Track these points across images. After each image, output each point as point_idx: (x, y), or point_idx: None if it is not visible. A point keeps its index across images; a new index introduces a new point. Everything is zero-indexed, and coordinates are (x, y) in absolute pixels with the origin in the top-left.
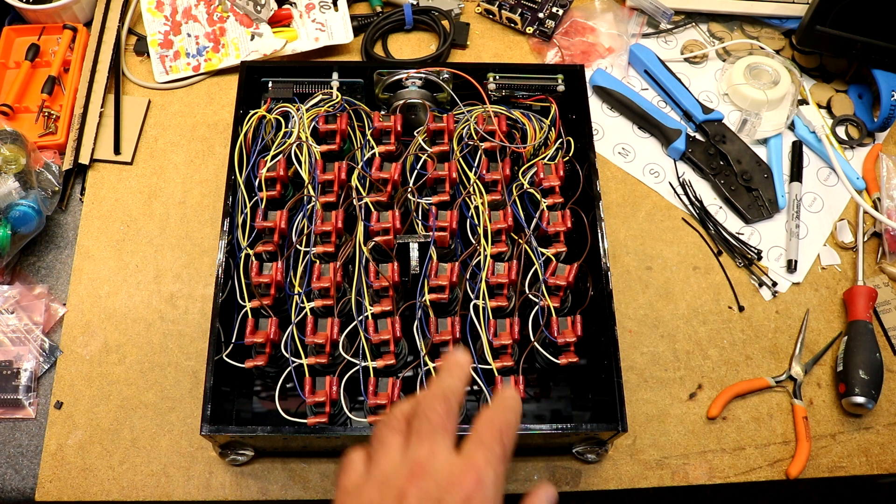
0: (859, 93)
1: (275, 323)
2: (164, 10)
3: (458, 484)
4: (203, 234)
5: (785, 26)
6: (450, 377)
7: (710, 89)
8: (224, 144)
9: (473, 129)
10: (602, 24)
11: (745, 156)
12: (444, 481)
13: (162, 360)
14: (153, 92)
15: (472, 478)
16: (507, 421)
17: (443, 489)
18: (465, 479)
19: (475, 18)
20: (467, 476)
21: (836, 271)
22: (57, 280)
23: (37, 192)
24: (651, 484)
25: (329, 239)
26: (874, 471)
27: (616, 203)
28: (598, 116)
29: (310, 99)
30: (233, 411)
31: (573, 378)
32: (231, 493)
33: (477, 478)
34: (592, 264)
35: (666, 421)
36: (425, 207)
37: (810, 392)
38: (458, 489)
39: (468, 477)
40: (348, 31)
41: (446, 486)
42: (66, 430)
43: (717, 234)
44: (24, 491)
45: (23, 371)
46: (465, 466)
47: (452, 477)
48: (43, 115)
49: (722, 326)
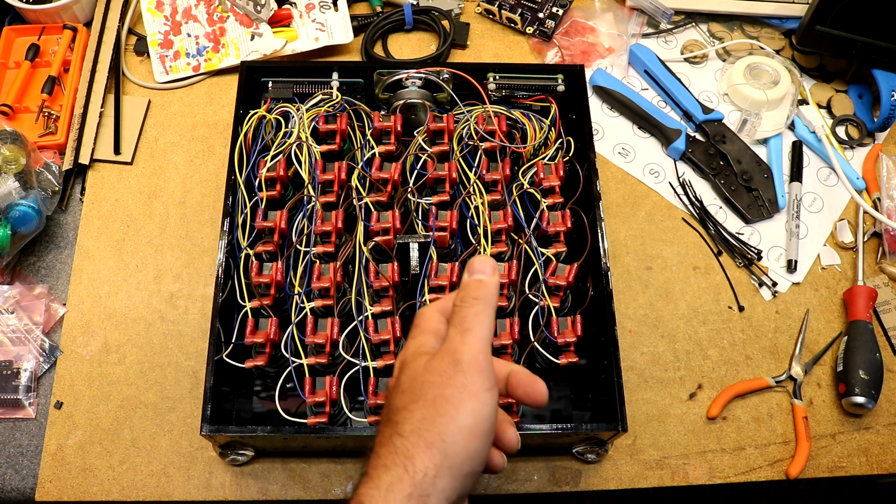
0: (859, 93)
1: (275, 323)
2: (164, 10)
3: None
4: (203, 234)
5: (785, 26)
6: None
7: (710, 89)
8: (224, 144)
9: (473, 129)
10: (602, 24)
11: (745, 156)
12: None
13: (162, 360)
14: (153, 92)
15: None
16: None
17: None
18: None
19: (475, 18)
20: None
21: (836, 271)
22: (57, 280)
23: (37, 192)
24: (651, 484)
25: (329, 239)
26: (874, 471)
27: (616, 203)
28: (598, 116)
29: (310, 99)
30: (233, 411)
31: (573, 378)
32: (231, 493)
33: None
34: (592, 264)
35: (666, 421)
36: (425, 207)
37: (810, 392)
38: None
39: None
40: (348, 31)
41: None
42: (66, 430)
43: (717, 234)
44: (24, 491)
45: (23, 371)
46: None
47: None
48: (43, 115)
49: (722, 326)
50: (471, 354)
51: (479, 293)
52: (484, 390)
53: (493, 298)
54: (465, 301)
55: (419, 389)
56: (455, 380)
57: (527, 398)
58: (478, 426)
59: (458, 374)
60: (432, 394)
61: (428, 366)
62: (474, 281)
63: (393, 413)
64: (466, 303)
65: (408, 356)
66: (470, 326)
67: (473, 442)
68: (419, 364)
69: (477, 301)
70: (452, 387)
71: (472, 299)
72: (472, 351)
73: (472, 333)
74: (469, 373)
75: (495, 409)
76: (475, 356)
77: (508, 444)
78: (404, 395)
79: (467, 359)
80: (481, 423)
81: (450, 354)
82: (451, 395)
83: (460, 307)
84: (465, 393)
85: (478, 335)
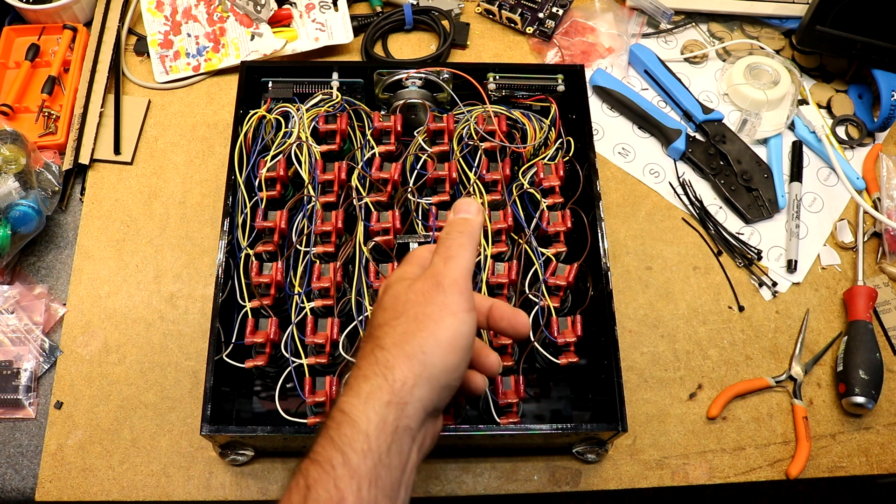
0: (859, 93)
1: (275, 323)
2: (164, 10)
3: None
4: (203, 234)
5: (785, 26)
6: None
7: (710, 89)
8: (224, 144)
9: (473, 129)
10: (602, 24)
11: (745, 156)
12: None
13: (162, 360)
14: (153, 92)
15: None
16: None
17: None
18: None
19: (475, 18)
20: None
21: (836, 271)
22: (57, 280)
23: (37, 192)
24: (651, 484)
25: (329, 239)
26: (874, 471)
27: (616, 203)
28: (598, 116)
29: (310, 99)
30: (233, 411)
31: (573, 378)
32: (231, 493)
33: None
34: (592, 264)
35: (666, 421)
36: (425, 207)
37: (810, 392)
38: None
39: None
40: (348, 31)
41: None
42: (66, 430)
43: (717, 234)
44: (24, 491)
45: (23, 371)
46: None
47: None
48: (43, 115)
49: (722, 326)
50: (451, 277)
51: (464, 228)
52: (463, 310)
53: (476, 233)
54: (451, 234)
55: (401, 307)
56: (436, 298)
57: (510, 329)
58: (456, 341)
59: (440, 293)
60: (414, 311)
61: (411, 286)
62: (459, 219)
63: (375, 328)
64: (451, 235)
65: (392, 280)
66: (453, 255)
67: (451, 356)
68: (402, 286)
69: (461, 234)
70: (433, 304)
71: (456, 233)
72: (453, 275)
73: (455, 260)
74: (450, 293)
75: (473, 329)
76: (455, 279)
77: (490, 367)
78: (386, 313)
79: (448, 281)
80: (459, 339)
81: (433, 277)
82: (432, 312)
83: (445, 238)
84: (445, 311)
85: (460, 262)
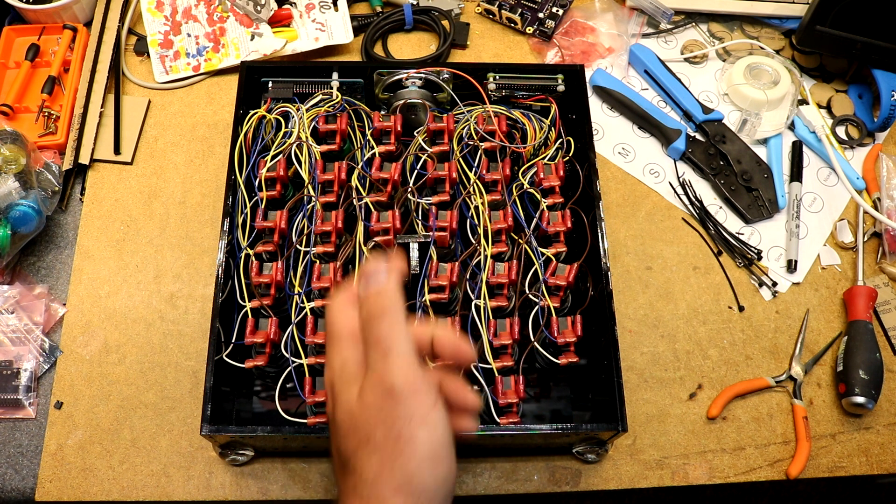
0: (859, 93)
1: (275, 323)
2: (164, 10)
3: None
4: (203, 234)
5: (785, 26)
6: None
7: (710, 89)
8: (224, 144)
9: (473, 129)
10: (602, 24)
11: (745, 156)
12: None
13: (162, 360)
14: (153, 92)
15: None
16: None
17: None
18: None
19: (475, 18)
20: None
21: (836, 271)
22: (57, 280)
23: (37, 192)
24: (651, 484)
25: (329, 239)
26: (874, 471)
27: (616, 203)
28: (598, 116)
29: (310, 99)
30: (233, 411)
31: (573, 378)
32: (231, 493)
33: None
34: (592, 264)
35: (666, 421)
36: (425, 207)
37: (810, 392)
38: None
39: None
40: (348, 31)
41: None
42: (66, 430)
43: (717, 234)
44: (24, 491)
45: (23, 371)
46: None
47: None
48: (43, 115)
49: (722, 326)
50: (401, 378)
51: (383, 305)
52: (430, 410)
53: (397, 304)
54: (372, 320)
55: (363, 431)
56: (397, 411)
57: (453, 359)
58: (438, 451)
59: (398, 404)
60: (380, 434)
61: (362, 401)
62: (372, 296)
63: (345, 460)
64: (374, 321)
65: (335, 379)
66: (388, 346)
67: (439, 467)
68: (351, 397)
69: (384, 315)
70: (398, 420)
71: (378, 317)
72: (400, 374)
73: (394, 353)
74: (408, 401)
75: (447, 422)
76: (406, 379)
77: (472, 404)
78: (349, 440)
79: (399, 384)
80: (440, 447)
81: (379, 385)
82: (401, 430)
83: (370, 328)
84: (412, 424)
85: (400, 353)
